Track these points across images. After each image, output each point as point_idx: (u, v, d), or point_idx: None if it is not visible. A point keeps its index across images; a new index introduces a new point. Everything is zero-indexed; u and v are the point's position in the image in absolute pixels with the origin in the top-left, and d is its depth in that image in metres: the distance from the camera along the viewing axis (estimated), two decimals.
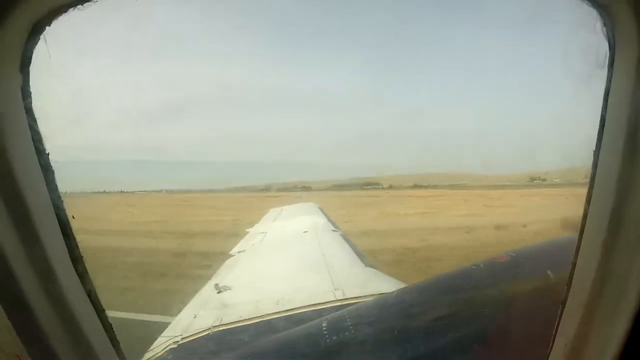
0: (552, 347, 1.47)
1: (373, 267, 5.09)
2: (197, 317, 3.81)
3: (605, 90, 1.24)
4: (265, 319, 3.36)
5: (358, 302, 3.13)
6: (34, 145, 1.17)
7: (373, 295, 3.46)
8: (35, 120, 1.17)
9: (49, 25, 1.11)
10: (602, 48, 1.22)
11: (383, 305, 2.76)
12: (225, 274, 5.43)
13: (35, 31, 1.10)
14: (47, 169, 1.22)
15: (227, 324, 3.43)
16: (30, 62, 1.12)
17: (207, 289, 4.78)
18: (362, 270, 4.93)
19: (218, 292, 4.42)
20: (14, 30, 1.05)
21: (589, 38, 1.26)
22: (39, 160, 1.19)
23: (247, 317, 3.46)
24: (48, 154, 1.21)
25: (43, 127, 1.17)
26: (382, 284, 4.06)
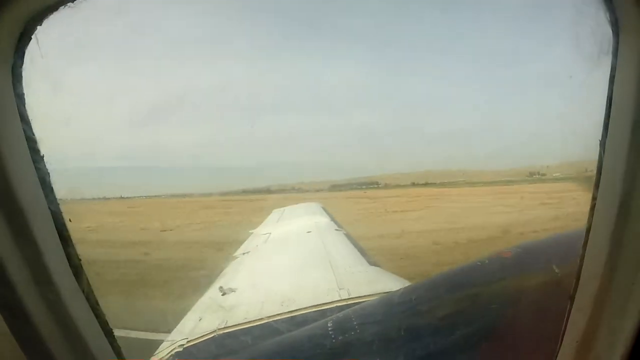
0: (561, 342, 1.45)
1: (377, 266, 5.07)
2: (202, 319, 3.80)
3: (609, 78, 1.21)
4: (270, 320, 3.35)
5: (363, 302, 3.11)
6: (29, 148, 1.15)
7: (378, 294, 3.44)
8: (29, 122, 1.15)
9: (40, 25, 1.09)
10: (606, 35, 1.19)
11: (389, 304, 2.73)
12: (229, 276, 5.42)
13: (27, 31, 1.08)
14: (42, 172, 1.20)
15: (232, 326, 3.41)
16: (22, 63, 1.11)
17: (212, 292, 4.77)
18: (367, 269, 4.92)
19: (223, 295, 4.41)
20: (4, 30, 1.03)
21: (591, 25, 1.24)
22: (33, 163, 1.17)
23: (252, 319, 3.45)
24: (43, 156, 1.20)
25: (36, 129, 1.16)
26: (387, 283, 4.03)
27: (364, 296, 3.56)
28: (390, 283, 3.99)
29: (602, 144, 1.25)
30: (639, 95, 1.12)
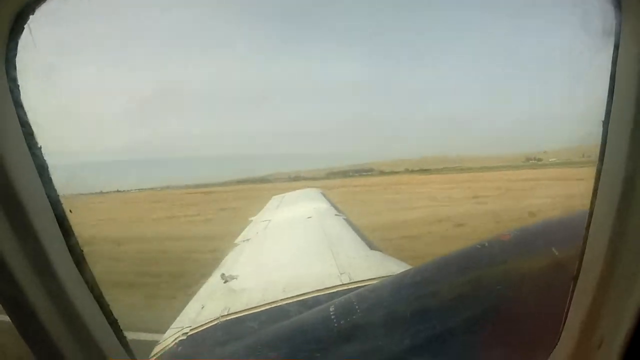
0: (564, 323, 1.46)
1: (378, 250, 5.08)
2: (204, 307, 3.83)
3: (612, 58, 1.20)
4: (272, 306, 3.37)
5: (365, 286, 3.13)
6: (26, 140, 1.14)
7: (379, 278, 3.46)
8: (25, 116, 1.13)
9: (33, 14, 1.06)
10: (608, 15, 1.17)
11: (390, 287, 2.75)
12: (231, 263, 5.44)
13: (19, 21, 1.05)
14: (41, 166, 1.19)
15: (235, 312, 3.44)
16: (15, 55, 1.08)
17: (214, 279, 4.80)
18: (367, 253, 4.93)
19: (225, 282, 4.42)
20: None
21: (593, 5, 1.22)
22: (32, 157, 1.16)
23: (255, 305, 3.47)
24: (40, 148, 1.18)
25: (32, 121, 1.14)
26: (388, 267, 4.05)
27: (366, 280, 3.57)
28: (391, 267, 4.01)
29: (605, 124, 1.24)
30: None
